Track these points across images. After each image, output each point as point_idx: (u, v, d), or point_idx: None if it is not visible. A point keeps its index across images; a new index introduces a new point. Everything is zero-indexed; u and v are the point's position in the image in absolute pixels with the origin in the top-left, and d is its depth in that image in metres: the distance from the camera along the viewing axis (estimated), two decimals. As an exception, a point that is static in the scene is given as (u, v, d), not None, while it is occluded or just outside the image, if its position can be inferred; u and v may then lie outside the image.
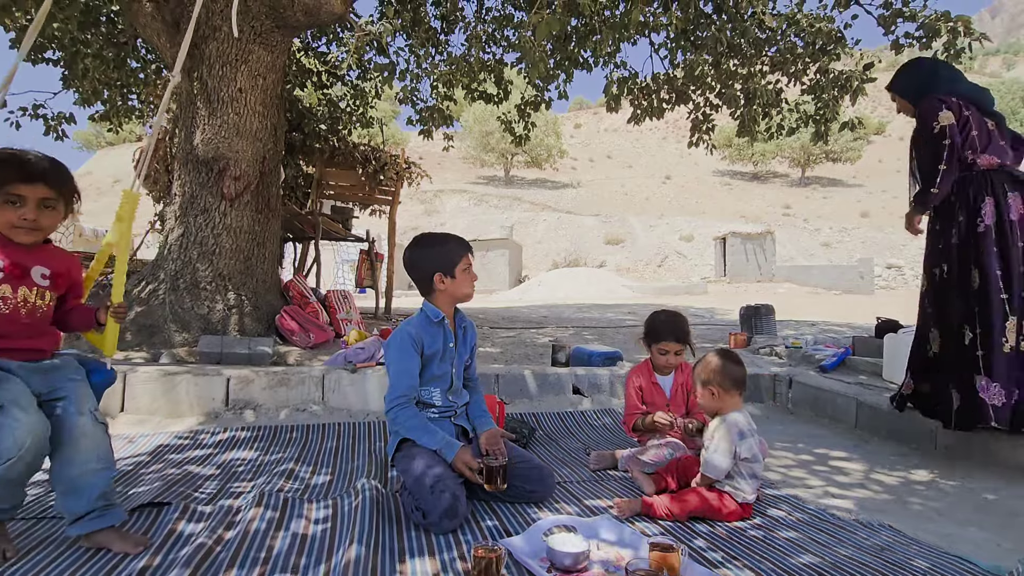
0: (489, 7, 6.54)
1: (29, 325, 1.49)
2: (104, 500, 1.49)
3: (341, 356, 3.50)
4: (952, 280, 2.27)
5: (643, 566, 1.31)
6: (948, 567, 1.48)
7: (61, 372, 1.52)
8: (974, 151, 2.26)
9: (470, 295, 1.96)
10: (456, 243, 1.93)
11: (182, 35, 4.28)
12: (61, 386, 1.49)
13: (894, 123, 61.93)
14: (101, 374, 1.63)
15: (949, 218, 2.31)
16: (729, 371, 1.88)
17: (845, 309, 11.33)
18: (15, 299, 1.46)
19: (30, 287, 1.50)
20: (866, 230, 33.54)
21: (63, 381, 1.50)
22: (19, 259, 1.48)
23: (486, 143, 42.61)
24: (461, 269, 1.89)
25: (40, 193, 1.45)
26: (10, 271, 1.46)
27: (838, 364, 4.05)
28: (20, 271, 1.48)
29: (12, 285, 1.46)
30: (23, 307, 1.48)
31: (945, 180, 2.25)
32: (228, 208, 4.29)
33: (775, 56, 5.77)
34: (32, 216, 1.44)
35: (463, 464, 1.74)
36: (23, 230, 1.45)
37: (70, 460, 1.45)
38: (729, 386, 1.88)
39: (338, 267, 18.56)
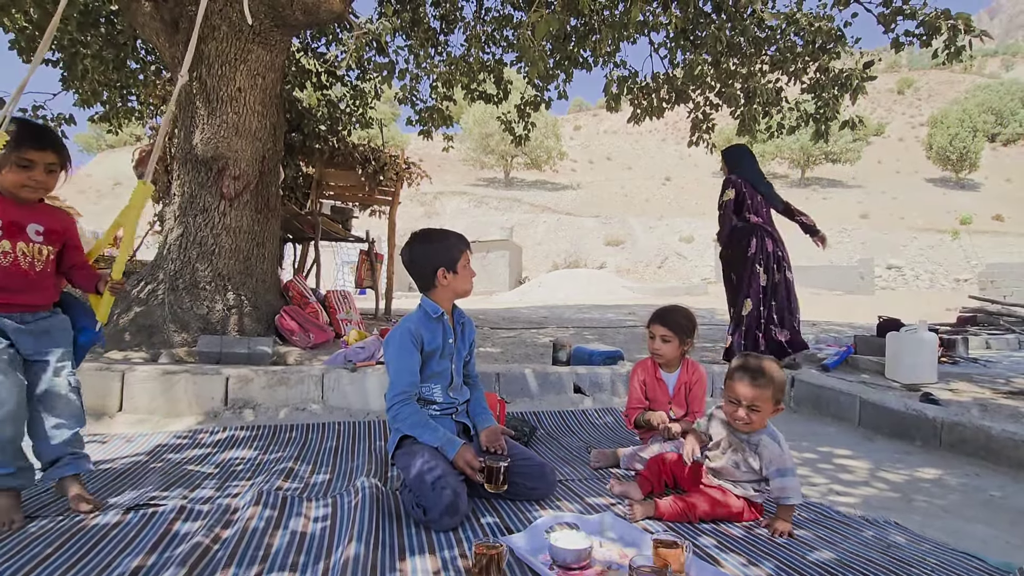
0: (488, 7, 6.54)
1: (28, 278, 1.66)
2: (71, 448, 1.70)
3: (341, 355, 3.48)
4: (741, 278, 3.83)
5: (647, 563, 1.29)
6: (957, 564, 1.46)
7: (50, 336, 1.69)
8: (749, 212, 3.83)
9: (470, 291, 1.97)
10: (456, 239, 1.93)
11: (182, 34, 4.28)
12: (47, 350, 1.67)
13: (893, 124, 62.03)
14: (89, 334, 1.81)
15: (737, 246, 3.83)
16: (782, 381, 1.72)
17: (846, 309, 11.31)
18: (14, 253, 1.63)
19: (27, 242, 1.67)
20: (866, 231, 33.54)
21: (49, 345, 1.68)
22: (15, 216, 1.64)
23: (486, 145, 42.63)
24: (462, 265, 1.90)
25: (48, 159, 1.64)
26: (7, 227, 1.62)
27: (840, 363, 4.03)
28: (16, 228, 1.64)
29: (11, 241, 1.63)
30: (23, 260, 1.65)
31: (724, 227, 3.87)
32: (227, 208, 4.28)
33: (775, 55, 5.76)
34: (41, 178, 1.63)
35: (464, 463, 1.72)
36: (30, 188, 1.63)
37: (45, 416, 1.66)
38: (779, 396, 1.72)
39: (338, 268, 18.55)
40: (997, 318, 7.10)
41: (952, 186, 45.21)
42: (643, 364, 2.43)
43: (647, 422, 2.26)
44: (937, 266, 27.51)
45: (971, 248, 29.56)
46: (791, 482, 1.65)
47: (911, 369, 3.50)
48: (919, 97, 69.45)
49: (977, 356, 4.69)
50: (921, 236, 31.99)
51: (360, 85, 7.16)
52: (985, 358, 4.61)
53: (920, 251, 29.85)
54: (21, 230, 1.65)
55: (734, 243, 3.80)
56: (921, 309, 10.86)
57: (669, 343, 2.31)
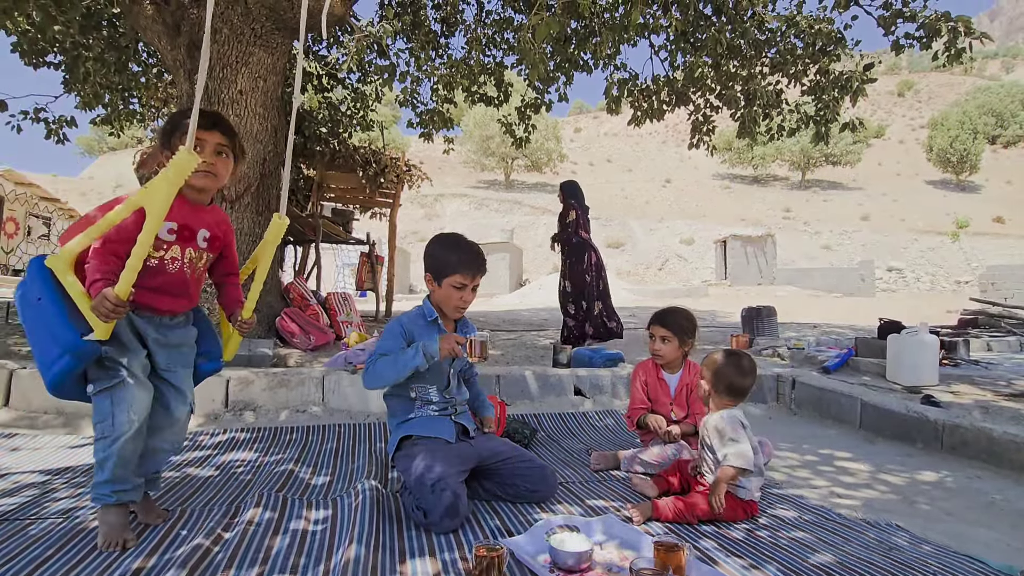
0: (489, 10, 6.56)
1: (189, 281, 1.61)
2: (157, 471, 1.67)
3: (341, 357, 3.48)
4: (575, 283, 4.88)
5: (648, 566, 1.28)
6: (958, 567, 1.45)
7: (181, 353, 1.64)
8: (583, 230, 4.88)
9: (451, 312, 1.91)
10: (464, 258, 1.85)
11: (183, 37, 4.29)
12: (177, 370, 1.63)
13: (894, 126, 62.08)
14: (213, 363, 1.76)
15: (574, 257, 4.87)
16: (726, 376, 1.84)
17: (846, 311, 11.30)
18: (182, 260, 1.57)
19: (195, 248, 1.60)
20: (866, 233, 33.53)
21: (179, 364, 1.64)
22: (189, 220, 1.57)
23: (486, 147, 42.66)
24: (450, 283, 1.84)
25: (216, 139, 1.55)
26: (181, 232, 1.55)
27: (841, 365, 4.03)
28: (189, 233, 1.57)
29: (181, 246, 1.56)
30: (188, 267, 1.59)
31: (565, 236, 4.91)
32: (228, 210, 4.28)
33: (775, 57, 5.77)
34: (210, 160, 1.53)
35: (449, 347, 1.75)
36: (203, 174, 1.52)
37: (158, 437, 1.61)
38: (723, 391, 1.85)
39: (338, 270, 18.55)
40: (998, 320, 7.09)
41: (953, 188, 45.21)
42: (644, 365, 2.43)
43: (646, 424, 2.26)
44: (938, 268, 27.50)
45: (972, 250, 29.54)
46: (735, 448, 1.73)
47: (912, 371, 3.49)
48: (919, 99, 69.50)
49: (978, 358, 4.68)
50: (922, 238, 31.98)
51: (361, 88, 7.18)
52: (986, 360, 4.60)
53: (921, 253, 29.84)
54: (192, 236, 1.58)
55: (575, 255, 4.87)
56: (922, 311, 10.85)
57: (669, 344, 2.31)
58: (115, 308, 1.34)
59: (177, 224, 1.54)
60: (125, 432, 1.45)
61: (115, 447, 1.45)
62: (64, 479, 1.99)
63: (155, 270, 1.52)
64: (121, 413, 1.45)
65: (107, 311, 1.34)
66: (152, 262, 1.51)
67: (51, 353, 1.41)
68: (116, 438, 1.45)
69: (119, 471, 1.48)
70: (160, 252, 1.52)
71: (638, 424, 2.33)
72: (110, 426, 1.45)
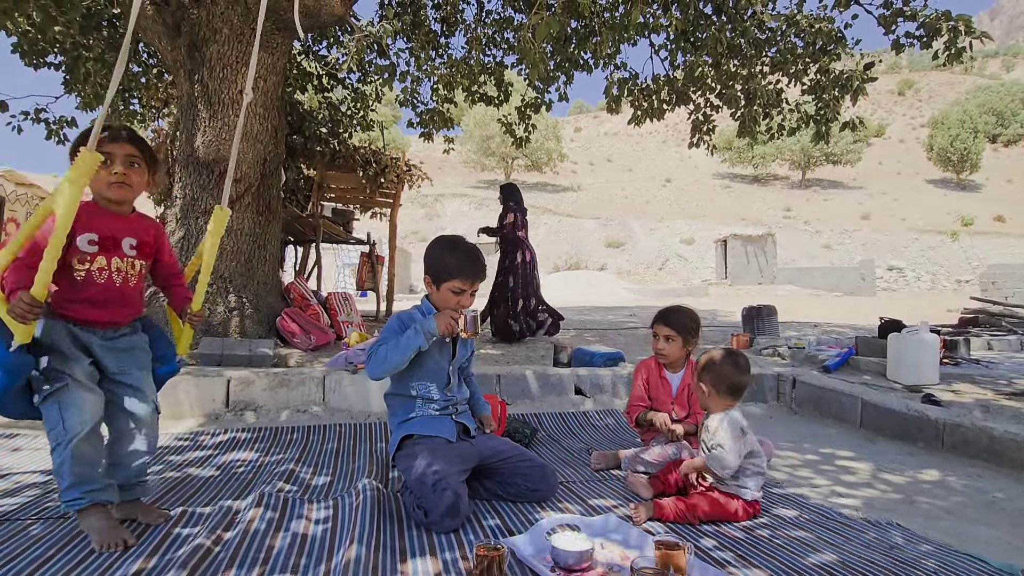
0: (489, 9, 6.55)
1: (121, 293, 1.61)
2: (140, 476, 1.66)
3: (342, 357, 3.48)
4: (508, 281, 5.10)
5: (649, 565, 1.28)
6: (959, 566, 1.45)
7: (133, 356, 1.65)
8: (519, 230, 5.16)
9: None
10: (461, 263, 1.86)
11: (183, 37, 4.29)
12: (129, 371, 1.63)
13: (894, 125, 62.05)
14: (169, 366, 1.77)
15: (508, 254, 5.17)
16: (727, 376, 1.84)
17: (847, 310, 11.30)
18: (109, 269, 1.59)
19: (122, 257, 1.61)
20: (867, 232, 33.52)
21: (131, 366, 1.64)
22: (111, 230, 1.59)
23: (486, 147, 42.67)
24: (448, 288, 1.85)
25: (126, 150, 1.59)
26: (104, 242, 1.57)
27: (842, 364, 4.02)
28: (112, 243, 1.60)
29: (106, 256, 1.58)
30: (117, 277, 1.60)
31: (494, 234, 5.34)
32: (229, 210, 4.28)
33: (775, 56, 5.76)
34: (121, 170, 1.57)
35: (445, 321, 1.76)
36: (116, 186, 1.57)
37: (126, 441, 1.62)
38: (723, 391, 1.85)
39: (339, 270, 18.55)
40: (999, 319, 7.08)
41: (953, 187, 45.19)
42: (647, 363, 2.43)
43: (649, 421, 2.26)
44: (938, 267, 27.50)
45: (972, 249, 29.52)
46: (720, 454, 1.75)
47: (913, 370, 3.49)
48: (920, 98, 69.46)
49: (979, 357, 4.67)
50: (922, 237, 31.97)
51: (361, 88, 7.18)
52: (987, 359, 4.60)
53: (921, 252, 29.83)
54: (117, 245, 1.60)
55: (509, 253, 5.18)
56: (922, 310, 10.84)
57: (673, 343, 2.31)
58: (30, 307, 1.34)
59: (98, 235, 1.56)
60: (77, 433, 1.45)
61: (69, 450, 1.45)
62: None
63: (84, 282, 1.55)
64: (70, 416, 1.46)
65: (22, 311, 1.34)
66: (79, 275, 1.54)
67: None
68: (69, 441, 1.45)
69: (80, 470, 1.48)
70: (85, 264, 1.55)
71: (638, 421, 2.32)
72: (61, 431, 1.46)
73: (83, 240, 1.54)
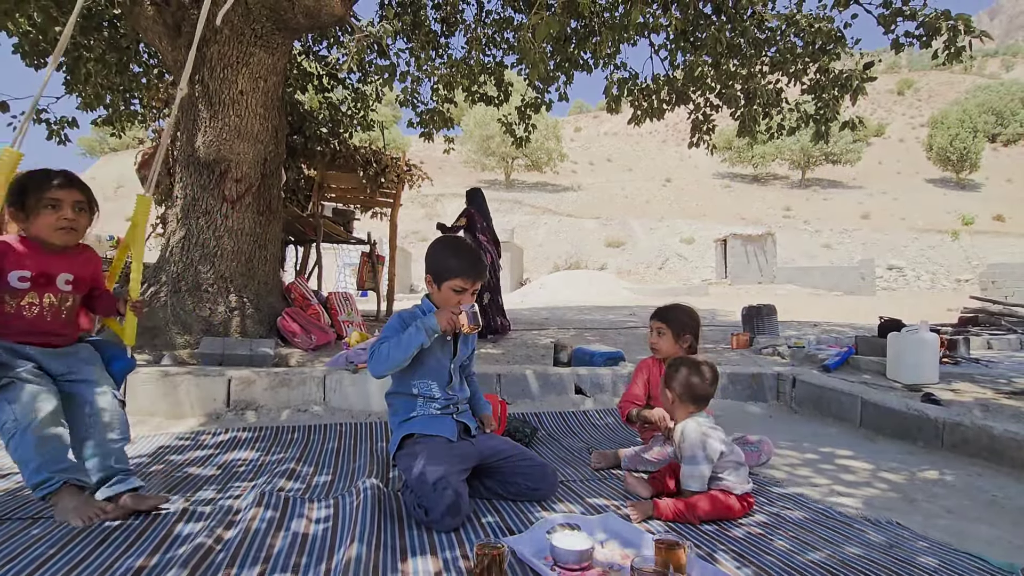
0: (489, 10, 6.56)
1: (52, 324, 1.63)
2: (122, 465, 1.65)
3: (343, 357, 3.49)
4: None
5: (648, 564, 1.29)
6: (959, 565, 1.45)
7: (77, 356, 1.65)
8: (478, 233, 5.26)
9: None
10: (463, 263, 1.87)
11: (184, 38, 4.29)
12: (78, 368, 1.63)
13: (894, 125, 62.04)
14: (122, 361, 1.77)
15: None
16: (692, 385, 1.88)
17: (847, 310, 11.30)
18: (41, 305, 1.60)
19: (55, 293, 1.63)
20: (867, 232, 33.53)
21: (79, 364, 1.64)
22: (46, 267, 1.62)
23: (486, 147, 42.66)
24: (450, 287, 1.86)
25: (75, 196, 1.62)
26: (36, 279, 1.59)
27: (841, 363, 4.03)
28: (45, 279, 1.61)
29: (38, 292, 1.59)
30: (48, 312, 1.61)
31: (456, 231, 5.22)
32: (229, 210, 4.29)
33: (775, 56, 5.77)
34: (72, 216, 1.60)
35: (448, 318, 1.77)
36: (64, 231, 1.61)
37: (94, 432, 1.60)
38: (687, 399, 1.88)
39: (339, 270, 18.56)
40: (998, 318, 7.09)
41: (953, 187, 45.18)
42: (648, 362, 2.46)
43: (643, 418, 2.27)
44: (938, 267, 27.49)
45: (972, 248, 29.52)
46: (690, 469, 1.77)
47: (913, 369, 3.49)
48: (919, 98, 69.45)
49: (979, 356, 4.68)
50: (922, 237, 31.97)
51: (361, 88, 7.18)
52: (987, 358, 4.60)
53: (921, 252, 29.83)
54: (50, 281, 1.62)
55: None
56: (922, 309, 10.85)
57: (663, 337, 2.37)
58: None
59: (32, 272, 1.58)
60: (31, 419, 1.46)
61: (29, 434, 1.45)
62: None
63: (14, 315, 1.57)
64: (19, 406, 1.46)
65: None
66: (9, 308, 1.56)
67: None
68: (26, 427, 1.46)
69: (43, 452, 1.47)
70: (16, 299, 1.57)
71: (629, 418, 2.35)
72: (12, 421, 1.46)
73: (14, 277, 1.56)
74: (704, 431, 1.80)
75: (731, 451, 1.81)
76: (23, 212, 1.59)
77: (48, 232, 1.59)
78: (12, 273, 1.56)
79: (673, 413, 1.93)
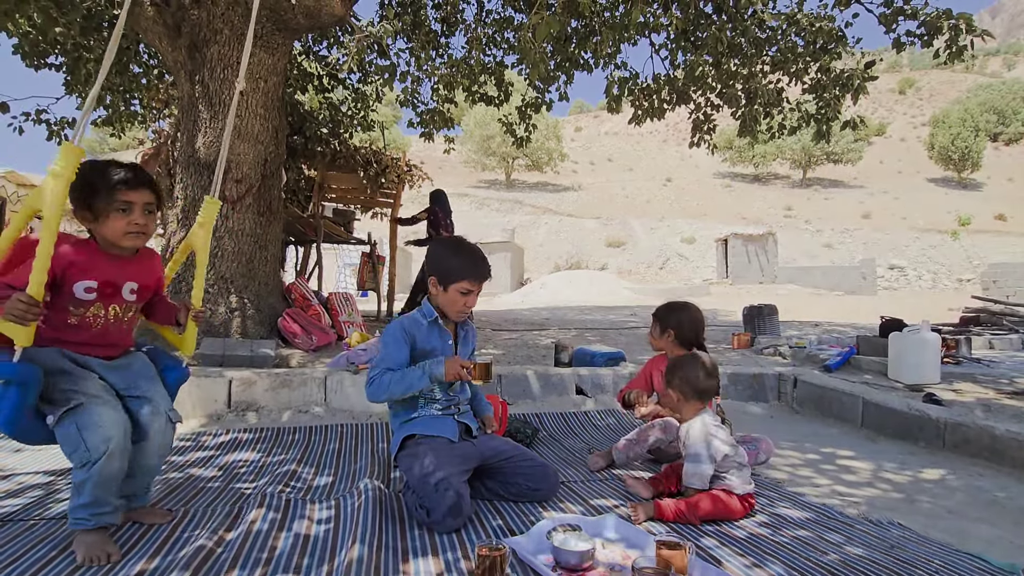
0: (489, 9, 6.56)
1: (114, 335, 1.56)
2: (147, 488, 1.64)
3: (343, 358, 3.49)
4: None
5: (650, 565, 1.29)
6: (961, 565, 1.45)
7: (136, 370, 1.58)
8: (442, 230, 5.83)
9: (454, 316, 1.92)
10: (470, 264, 1.86)
11: (184, 38, 4.29)
12: (138, 384, 1.55)
13: (895, 124, 61.96)
14: (176, 371, 1.69)
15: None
16: (693, 380, 1.88)
17: (848, 309, 11.29)
18: (106, 316, 1.52)
19: (120, 304, 1.55)
20: (868, 231, 33.48)
21: (139, 379, 1.57)
22: (112, 276, 1.52)
23: (487, 147, 42.64)
24: (457, 289, 1.85)
25: (146, 198, 1.51)
26: (102, 290, 1.50)
27: (843, 363, 4.02)
28: (112, 289, 1.52)
29: (104, 303, 1.51)
30: (112, 323, 1.54)
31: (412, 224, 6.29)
32: (230, 211, 4.29)
33: (776, 56, 5.76)
34: (142, 222, 1.50)
35: (456, 369, 1.75)
36: (133, 235, 1.50)
37: (139, 456, 1.54)
38: (691, 396, 1.89)
39: (340, 270, 18.57)
40: (1000, 318, 7.08)
41: (954, 186, 45.11)
42: (656, 359, 2.50)
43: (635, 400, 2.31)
44: (939, 266, 27.45)
45: (973, 248, 29.48)
46: (693, 468, 1.78)
47: (914, 369, 3.49)
48: (920, 97, 69.36)
49: (980, 356, 4.67)
50: (923, 236, 31.92)
51: (362, 88, 7.18)
52: (988, 358, 4.59)
53: (922, 251, 29.78)
54: (117, 292, 1.53)
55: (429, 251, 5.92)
56: (924, 309, 10.83)
57: (653, 330, 2.45)
58: (28, 307, 1.28)
59: (97, 282, 1.48)
60: (102, 453, 1.36)
61: (95, 469, 1.37)
62: (68, 480, 1.99)
63: (77, 327, 1.48)
64: (92, 435, 1.36)
65: (20, 311, 1.27)
66: (72, 320, 1.47)
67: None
68: (95, 461, 1.37)
69: (99, 493, 1.41)
70: (80, 310, 1.48)
71: (624, 400, 2.39)
72: (84, 451, 1.36)
73: (79, 287, 1.46)
74: (710, 431, 1.80)
75: (735, 452, 1.80)
76: (90, 212, 1.47)
77: (117, 236, 1.48)
78: (78, 284, 1.45)
79: (681, 412, 1.93)
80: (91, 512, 1.41)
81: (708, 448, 1.77)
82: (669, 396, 1.93)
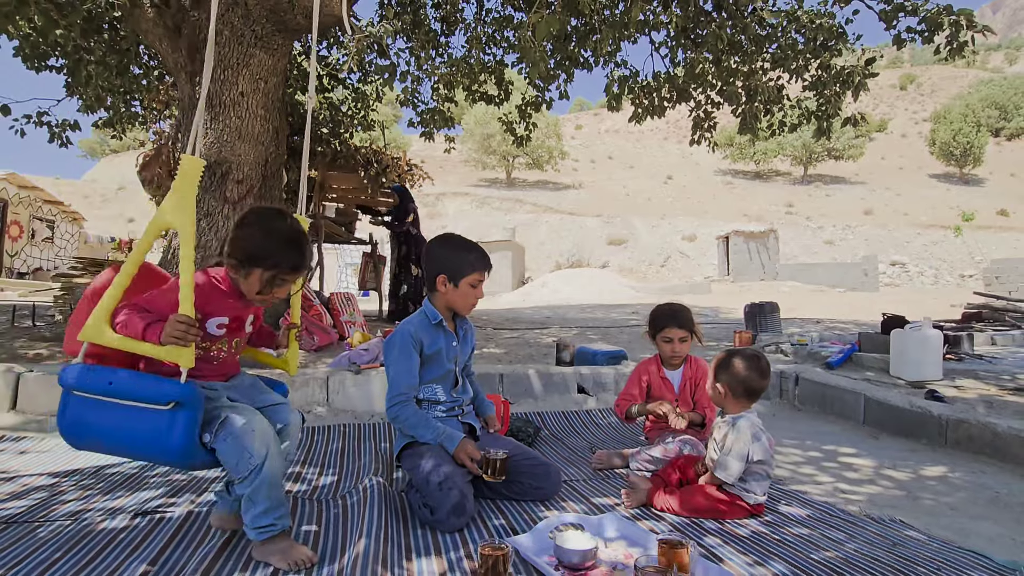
0: (489, 8, 6.55)
1: (231, 365, 1.58)
2: None
3: (345, 358, 3.49)
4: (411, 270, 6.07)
5: (652, 563, 1.29)
6: (962, 562, 1.45)
7: (250, 385, 1.60)
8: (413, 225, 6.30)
9: (466, 310, 1.93)
10: (476, 256, 1.89)
11: (184, 40, 4.30)
12: (258, 396, 1.58)
13: (896, 120, 61.79)
14: (282, 386, 1.71)
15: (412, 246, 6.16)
16: (747, 380, 1.82)
17: (850, 306, 11.26)
18: (230, 349, 1.55)
19: (242, 336, 1.59)
20: (869, 227, 33.41)
21: (256, 393, 1.59)
22: (240, 312, 1.55)
23: (487, 146, 42.64)
24: (468, 282, 1.86)
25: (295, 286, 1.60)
26: (231, 326, 1.53)
27: (844, 360, 4.02)
28: (238, 324, 1.56)
29: (229, 337, 1.54)
30: (233, 354, 1.57)
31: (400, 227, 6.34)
32: (231, 212, 4.29)
33: (776, 53, 5.74)
34: (283, 295, 1.54)
35: (465, 455, 1.73)
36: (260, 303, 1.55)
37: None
38: (740, 394, 1.83)
39: (341, 270, 18.58)
40: (1002, 314, 7.06)
41: (956, 182, 44.99)
42: (646, 364, 2.44)
43: (648, 411, 2.26)
44: (941, 262, 27.39)
45: (975, 244, 29.41)
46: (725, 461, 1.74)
47: (916, 366, 3.49)
48: (922, 93, 69.16)
49: (982, 353, 4.66)
50: (925, 232, 31.85)
51: (362, 88, 7.18)
52: (990, 355, 4.59)
53: (924, 247, 29.72)
54: (241, 326, 1.57)
55: (414, 245, 6.13)
56: (926, 306, 10.81)
57: (686, 343, 2.33)
58: (188, 327, 1.29)
59: (228, 318, 1.51)
60: (263, 455, 1.36)
61: (264, 471, 1.36)
62: (72, 481, 2.01)
63: (202, 359, 1.47)
64: (251, 440, 1.35)
65: (181, 332, 1.28)
66: (198, 352, 1.43)
67: (160, 423, 1.30)
68: (261, 464, 1.35)
69: (274, 494, 1.39)
70: (206, 344, 1.48)
71: (628, 414, 2.33)
72: (250, 456, 1.35)
73: (212, 324, 1.48)
74: (755, 432, 1.76)
75: (767, 461, 1.77)
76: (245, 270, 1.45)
77: (249, 293, 1.49)
78: (212, 320, 1.47)
79: (725, 407, 1.87)
80: (274, 516, 1.39)
81: (749, 446, 1.73)
82: (716, 390, 1.86)
